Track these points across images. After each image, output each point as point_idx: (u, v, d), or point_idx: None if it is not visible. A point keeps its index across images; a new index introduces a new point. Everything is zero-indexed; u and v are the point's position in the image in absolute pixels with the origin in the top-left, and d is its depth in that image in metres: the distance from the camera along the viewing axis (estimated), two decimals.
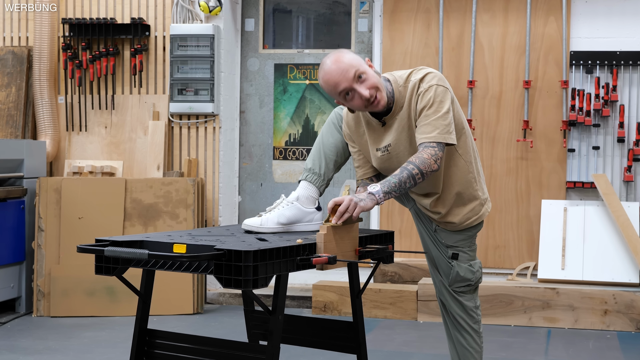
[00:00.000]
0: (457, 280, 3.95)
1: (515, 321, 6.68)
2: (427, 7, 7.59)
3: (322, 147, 3.93)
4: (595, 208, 7.14)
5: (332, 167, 3.91)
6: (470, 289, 3.98)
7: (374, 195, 3.45)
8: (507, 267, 7.47)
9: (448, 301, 4.02)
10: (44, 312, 6.88)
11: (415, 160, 3.51)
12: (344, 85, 3.53)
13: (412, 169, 3.49)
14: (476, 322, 4.01)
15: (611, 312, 6.53)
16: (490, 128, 7.48)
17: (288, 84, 8.01)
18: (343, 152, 3.94)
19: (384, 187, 3.46)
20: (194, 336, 3.48)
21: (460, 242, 3.94)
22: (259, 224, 3.72)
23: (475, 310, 4.00)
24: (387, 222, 7.63)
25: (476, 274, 3.97)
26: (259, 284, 3.02)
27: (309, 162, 3.91)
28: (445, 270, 3.98)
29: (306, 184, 3.87)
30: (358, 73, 3.53)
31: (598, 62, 7.23)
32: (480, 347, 4.03)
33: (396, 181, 3.48)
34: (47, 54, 7.63)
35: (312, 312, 7.01)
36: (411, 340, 6.21)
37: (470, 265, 3.95)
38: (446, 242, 3.94)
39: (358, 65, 3.54)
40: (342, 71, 3.52)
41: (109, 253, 3.10)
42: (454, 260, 3.93)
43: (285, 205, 3.78)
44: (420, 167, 3.49)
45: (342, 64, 3.52)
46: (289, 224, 3.77)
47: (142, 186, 7.01)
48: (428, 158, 3.51)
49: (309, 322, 4.06)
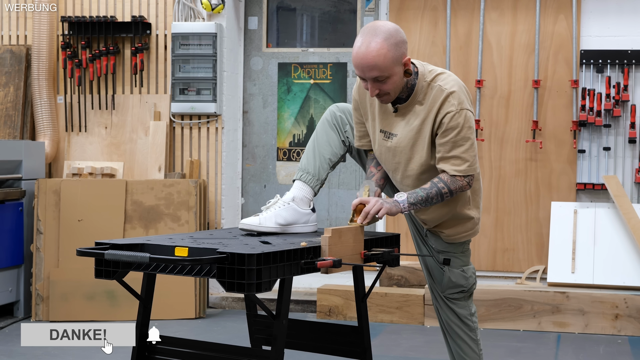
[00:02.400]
0: (450, 287, 3.93)
1: (524, 326, 6.68)
2: (434, 4, 7.58)
3: (317, 146, 3.92)
4: (606, 210, 7.13)
5: (327, 166, 3.91)
6: (464, 296, 3.95)
7: (399, 203, 3.51)
8: (516, 271, 7.47)
9: (442, 308, 3.99)
10: (42, 316, 6.89)
11: (446, 179, 3.57)
12: (359, 74, 3.53)
13: (442, 187, 3.56)
14: (472, 330, 3.97)
15: (622, 317, 6.52)
16: (499, 128, 7.48)
17: (292, 84, 8.01)
18: (337, 151, 3.93)
19: (410, 197, 3.53)
20: (195, 341, 3.48)
21: (451, 248, 3.93)
22: (258, 223, 3.73)
23: (470, 318, 3.97)
24: (394, 224, 7.62)
25: (469, 280, 3.93)
26: (262, 288, 3.02)
27: (304, 161, 3.91)
28: (437, 276, 3.95)
29: (301, 184, 3.87)
30: (378, 77, 3.48)
31: (609, 61, 7.23)
32: (478, 355, 3.99)
33: (424, 195, 3.55)
34: (46, 52, 7.64)
35: (317, 317, 7.01)
36: (418, 346, 6.20)
37: (462, 270, 3.93)
38: (437, 247, 3.93)
39: (384, 69, 3.45)
40: (365, 64, 3.46)
41: (109, 256, 3.11)
42: (445, 266, 3.91)
43: (281, 205, 3.79)
44: (451, 187, 3.58)
45: (369, 58, 3.44)
46: (287, 225, 3.78)
47: (143, 188, 7.02)
48: (460, 180, 3.59)
49: (312, 327, 4.06)
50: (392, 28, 3.49)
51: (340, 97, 7.85)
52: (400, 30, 3.52)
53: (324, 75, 7.93)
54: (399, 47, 3.48)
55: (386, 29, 3.48)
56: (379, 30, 3.47)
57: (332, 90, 7.90)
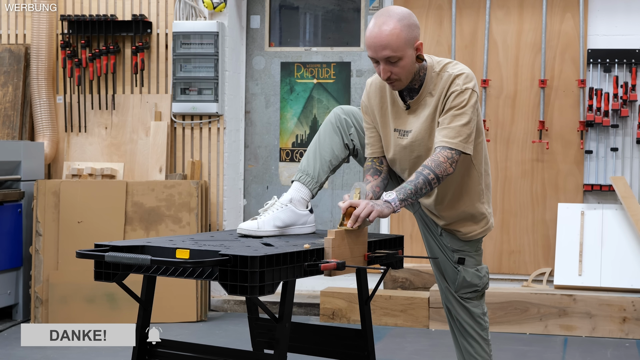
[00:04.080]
0: (464, 286, 3.95)
1: (530, 329, 6.68)
2: (439, 3, 7.59)
3: (319, 148, 3.94)
4: (613, 212, 7.13)
5: (327, 169, 3.92)
6: (477, 295, 3.98)
7: (390, 203, 3.47)
8: (522, 273, 7.47)
9: (455, 308, 4.01)
10: (42, 319, 6.90)
11: (430, 164, 3.53)
12: (371, 54, 3.57)
13: (427, 173, 3.51)
14: (484, 329, 4.01)
15: (630, 320, 6.52)
16: (505, 129, 7.48)
17: (295, 83, 8.02)
18: (339, 154, 3.95)
19: (399, 194, 3.48)
20: (197, 345, 3.48)
21: (466, 247, 3.94)
22: (256, 227, 3.74)
23: (482, 317, 4.00)
24: (398, 226, 7.63)
25: (483, 279, 3.97)
26: (265, 291, 3.02)
27: (304, 163, 3.93)
28: (451, 276, 3.98)
29: (299, 185, 3.89)
30: (390, 57, 3.53)
31: (616, 61, 7.23)
32: (489, 355, 4.03)
33: (412, 187, 3.50)
34: (45, 52, 7.65)
35: (320, 320, 7.01)
36: (423, 349, 6.21)
37: (477, 270, 3.96)
38: (452, 246, 3.95)
39: (396, 48, 3.51)
40: (377, 43, 3.52)
41: (109, 259, 3.11)
42: (460, 265, 3.93)
43: (279, 207, 3.80)
44: (436, 172, 3.52)
45: (382, 37, 3.51)
46: (285, 227, 3.80)
47: (144, 189, 7.02)
48: (444, 161, 3.53)
49: (315, 330, 4.07)
50: (406, 11, 3.60)
51: (344, 97, 7.86)
52: (414, 15, 3.62)
53: (328, 74, 7.94)
54: (412, 29, 3.56)
55: (400, 11, 3.58)
56: (393, 12, 3.57)
57: (336, 90, 7.91)
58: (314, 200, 8.09)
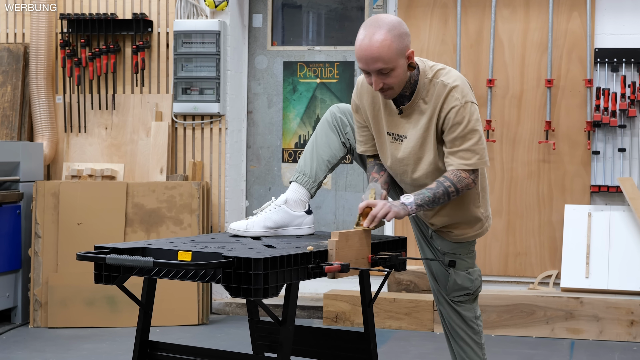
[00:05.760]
0: (455, 289, 3.95)
1: (537, 332, 6.68)
2: (444, 1, 7.59)
3: (315, 148, 3.95)
4: (621, 213, 7.14)
5: (325, 168, 3.93)
6: (469, 299, 3.98)
7: (407, 206, 3.52)
8: (528, 276, 7.47)
9: (447, 311, 4.02)
10: (41, 322, 6.91)
11: (452, 177, 3.59)
12: (363, 67, 3.55)
13: (448, 186, 3.57)
14: (477, 333, 4.01)
15: (638, 323, 6.53)
16: (511, 129, 7.49)
17: (298, 83, 8.03)
18: (337, 153, 3.96)
19: (417, 199, 3.54)
20: (198, 348, 3.49)
21: (457, 249, 3.95)
22: (245, 228, 3.76)
23: (475, 321, 4.00)
24: (402, 228, 7.64)
25: (475, 282, 3.97)
26: (269, 293, 3.03)
27: (301, 163, 3.94)
28: (442, 279, 3.98)
29: (296, 185, 3.90)
30: (382, 69, 3.51)
31: (624, 60, 7.23)
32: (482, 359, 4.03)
33: (430, 195, 3.56)
34: (45, 51, 7.66)
35: (323, 323, 7.03)
36: (427, 353, 6.21)
37: (468, 272, 3.96)
38: (442, 249, 3.96)
39: (388, 60, 3.48)
40: (369, 56, 3.48)
41: (111, 261, 3.11)
42: (451, 268, 3.94)
43: (272, 208, 3.82)
44: (457, 186, 3.59)
45: (373, 49, 3.47)
46: (277, 227, 3.82)
47: (144, 190, 7.04)
48: (466, 177, 3.60)
49: (317, 333, 4.07)
50: (395, 20, 3.54)
51: (348, 97, 7.86)
52: (403, 23, 3.57)
53: (331, 74, 7.95)
54: (403, 39, 3.52)
55: (389, 20, 3.53)
56: (382, 22, 3.51)
57: (339, 89, 7.92)
58: (317, 202, 8.12)
